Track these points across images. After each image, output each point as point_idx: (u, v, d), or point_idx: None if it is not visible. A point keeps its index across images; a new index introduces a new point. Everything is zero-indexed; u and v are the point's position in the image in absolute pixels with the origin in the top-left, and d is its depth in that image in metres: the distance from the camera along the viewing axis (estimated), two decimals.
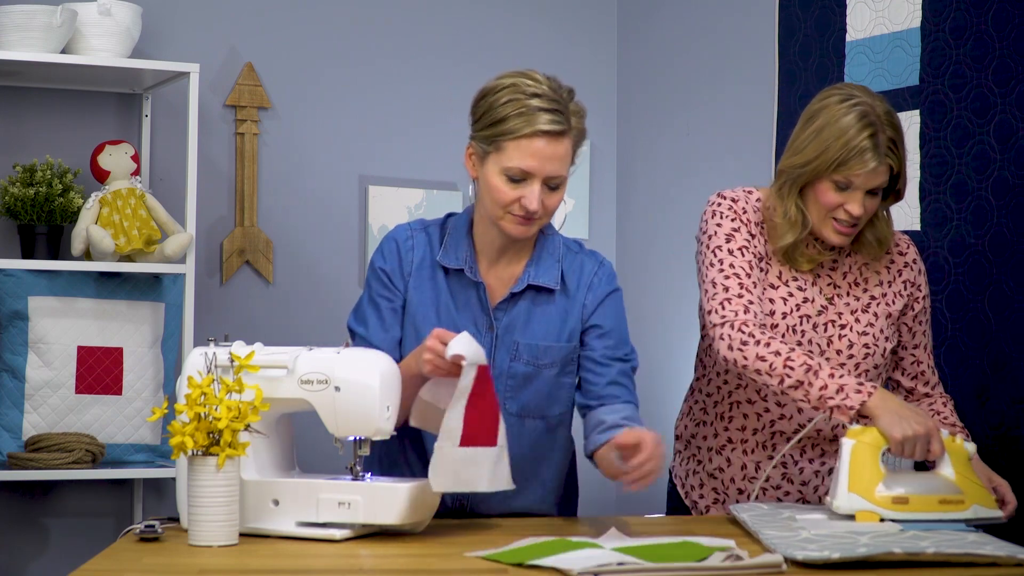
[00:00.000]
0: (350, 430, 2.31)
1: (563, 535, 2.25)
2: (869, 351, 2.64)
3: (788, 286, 2.65)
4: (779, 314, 2.62)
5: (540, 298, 2.55)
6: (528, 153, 2.41)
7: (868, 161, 2.50)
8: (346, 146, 4.15)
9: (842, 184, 2.54)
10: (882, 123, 2.52)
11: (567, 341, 2.56)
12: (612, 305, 2.59)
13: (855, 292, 2.67)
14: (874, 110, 2.52)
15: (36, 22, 3.53)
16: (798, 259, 2.64)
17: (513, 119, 2.41)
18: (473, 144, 2.49)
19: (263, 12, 4.07)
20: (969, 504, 2.38)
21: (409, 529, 2.31)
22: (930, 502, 2.37)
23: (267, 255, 4.04)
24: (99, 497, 3.91)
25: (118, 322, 3.71)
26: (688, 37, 4.11)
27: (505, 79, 2.45)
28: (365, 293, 2.60)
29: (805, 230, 2.60)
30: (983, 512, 2.38)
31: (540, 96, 2.43)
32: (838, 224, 2.57)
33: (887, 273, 2.70)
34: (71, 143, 3.84)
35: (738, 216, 2.63)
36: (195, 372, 2.28)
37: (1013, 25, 2.93)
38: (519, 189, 2.43)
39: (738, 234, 2.62)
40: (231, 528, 2.18)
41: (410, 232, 2.58)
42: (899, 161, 2.54)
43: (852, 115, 2.51)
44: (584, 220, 4.34)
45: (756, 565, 2.00)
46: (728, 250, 2.60)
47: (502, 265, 2.56)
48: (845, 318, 2.65)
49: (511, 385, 2.54)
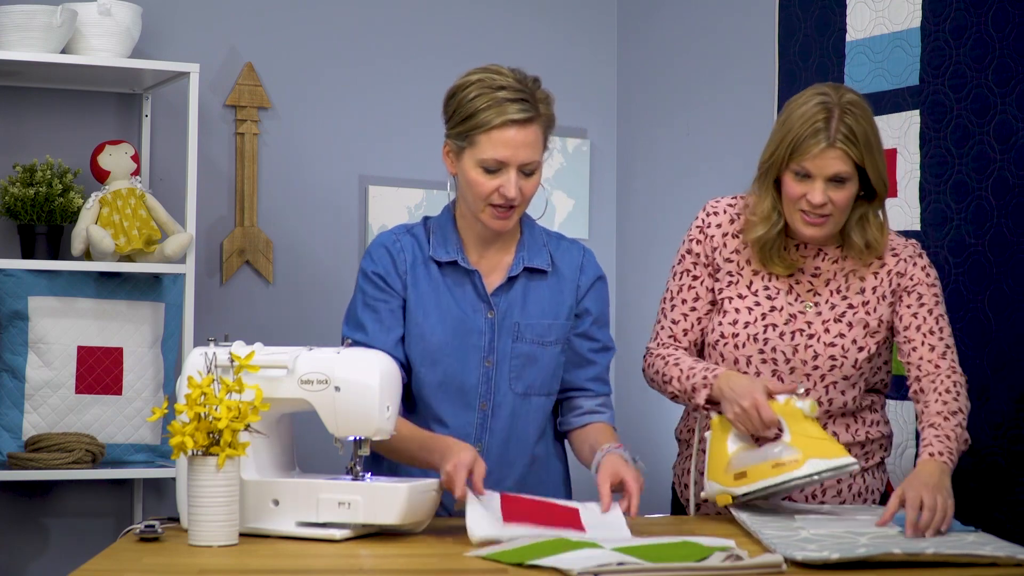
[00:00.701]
0: (350, 430, 2.31)
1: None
2: (836, 362, 2.62)
3: (757, 295, 2.66)
4: (741, 323, 2.64)
5: (533, 281, 2.65)
6: (500, 143, 2.51)
7: (817, 143, 2.52)
8: (346, 146, 4.15)
9: (801, 172, 2.55)
10: (840, 111, 2.52)
11: (566, 319, 2.67)
12: (602, 289, 2.73)
13: (833, 300, 2.66)
14: (833, 100, 2.53)
15: (36, 22, 3.53)
16: (774, 260, 2.65)
17: (483, 112, 2.51)
18: (449, 142, 2.59)
19: (263, 12, 4.07)
20: (804, 461, 2.38)
21: (409, 529, 2.31)
22: (764, 470, 2.41)
23: (267, 255, 4.04)
24: (99, 497, 3.91)
25: (118, 322, 3.71)
26: (688, 37, 4.11)
27: (472, 76, 2.56)
28: (358, 300, 2.65)
29: (777, 226, 2.61)
30: (823, 464, 2.37)
31: (506, 88, 2.52)
32: (805, 215, 2.58)
33: (874, 279, 2.66)
34: (71, 143, 3.84)
35: (695, 237, 2.72)
36: (195, 372, 2.28)
37: (1013, 25, 2.94)
38: (496, 179, 2.53)
39: (688, 256, 2.73)
40: (231, 528, 2.18)
41: (395, 236, 2.66)
42: (860, 151, 2.52)
43: (809, 104, 2.55)
44: (584, 220, 4.34)
45: (756, 565, 2.00)
46: (674, 272, 2.74)
47: (491, 254, 2.65)
48: (814, 328, 2.64)
49: (516, 365, 2.63)
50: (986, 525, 2.71)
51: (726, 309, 2.66)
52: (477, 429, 2.62)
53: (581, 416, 2.70)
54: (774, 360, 2.62)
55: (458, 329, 2.60)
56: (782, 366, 2.63)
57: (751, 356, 2.63)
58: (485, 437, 2.62)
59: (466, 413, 2.62)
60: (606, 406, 2.73)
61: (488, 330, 2.61)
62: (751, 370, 2.63)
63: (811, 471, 2.38)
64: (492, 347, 2.62)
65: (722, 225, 2.70)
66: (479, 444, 2.61)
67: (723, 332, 2.65)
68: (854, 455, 2.69)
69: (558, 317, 2.66)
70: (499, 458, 2.62)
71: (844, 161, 2.53)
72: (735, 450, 2.48)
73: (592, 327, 2.71)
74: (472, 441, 2.59)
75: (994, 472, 2.92)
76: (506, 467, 2.63)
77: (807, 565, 2.06)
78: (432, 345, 2.60)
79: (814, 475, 2.39)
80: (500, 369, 2.62)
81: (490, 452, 2.62)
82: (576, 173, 4.34)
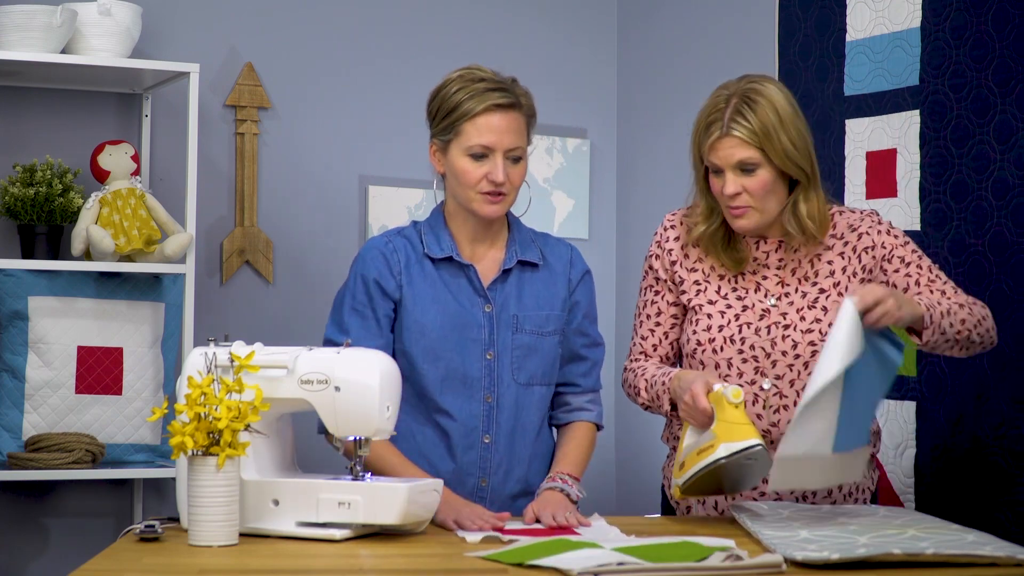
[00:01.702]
0: (350, 430, 2.31)
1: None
2: (816, 348, 2.61)
3: (727, 298, 2.67)
4: (715, 328, 2.65)
5: (526, 274, 2.71)
6: (485, 129, 2.59)
7: (712, 134, 2.56)
8: (346, 146, 4.15)
9: (714, 167, 2.59)
10: (738, 99, 2.55)
11: (561, 310, 2.72)
12: (591, 283, 2.80)
13: (804, 287, 2.66)
14: (732, 91, 2.57)
15: (36, 22, 3.53)
16: (721, 256, 2.67)
17: (466, 102, 2.60)
18: (435, 141, 2.66)
19: (263, 12, 4.07)
20: (717, 445, 2.39)
21: (409, 529, 2.31)
22: (693, 457, 2.44)
23: (267, 255, 4.04)
24: (99, 497, 3.91)
25: (118, 322, 3.71)
26: (688, 37, 4.11)
27: (452, 75, 2.66)
28: (345, 302, 2.68)
29: (715, 222, 2.65)
30: (731, 447, 2.38)
31: (485, 80, 2.63)
32: (730, 208, 2.60)
33: (841, 259, 2.66)
34: (71, 143, 3.84)
35: (654, 253, 2.76)
36: (195, 372, 2.28)
37: (1013, 25, 2.94)
38: (484, 166, 2.60)
39: (651, 271, 2.76)
40: (231, 528, 2.18)
41: (387, 238, 2.71)
42: (757, 136, 2.52)
43: (711, 98, 2.60)
44: (584, 220, 4.34)
45: (756, 565, 2.00)
46: (640, 289, 2.78)
47: (482, 251, 2.70)
48: (790, 318, 2.64)
49: (517, 356, 2.67)
50: (986, 525, 2.71)
51: (699, 317, 2.67)
52: (484, 422, 2.65)
53: (569, 413, 2.76)
54: (755, 358, 2.63)
55: (457, 323, 2.63)
56: (763, 362, 2.63)
57: (731, 358, 2.63)
58: (492, 429, 2.65)
59: (471, 406, 2.65)
60: (594, 403, 2.78)
61: (487, 323, 2.66)
62: (732, 372, 2.63)
63: (722, 454, 2.39)
64: (492, 340, 2.66)
65: (680, 238, 2.73)
66: (487, 436, 2.64)
67: (699, 340, 2.66)
68: None
69: (554, 308, 2.71)
70: (507, 450, 2.66)
71: (744, 148, 2.54)
72: (688, 444, 2.51)
73: (583, 322, 2.76)
74: (479, 434, 2.65)
75: (994, 472, 2.92)
76: (514, 461, 2.67)
77: (807, 565, 2.06)
78: (432, 340, 2.63)
79: (722, 458, 2.39)
80: (501, 361, 2.66)
81: (498, 445, 2.65)
82: (576, 173, 4.34)
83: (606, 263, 4.35)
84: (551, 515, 2.47)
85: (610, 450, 4.26)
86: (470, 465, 2.65)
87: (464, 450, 2.65)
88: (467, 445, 2.65)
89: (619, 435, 4.25)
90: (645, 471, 4.02)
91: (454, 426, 2.64)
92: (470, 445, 2.65)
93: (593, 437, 2.76)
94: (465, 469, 2.65)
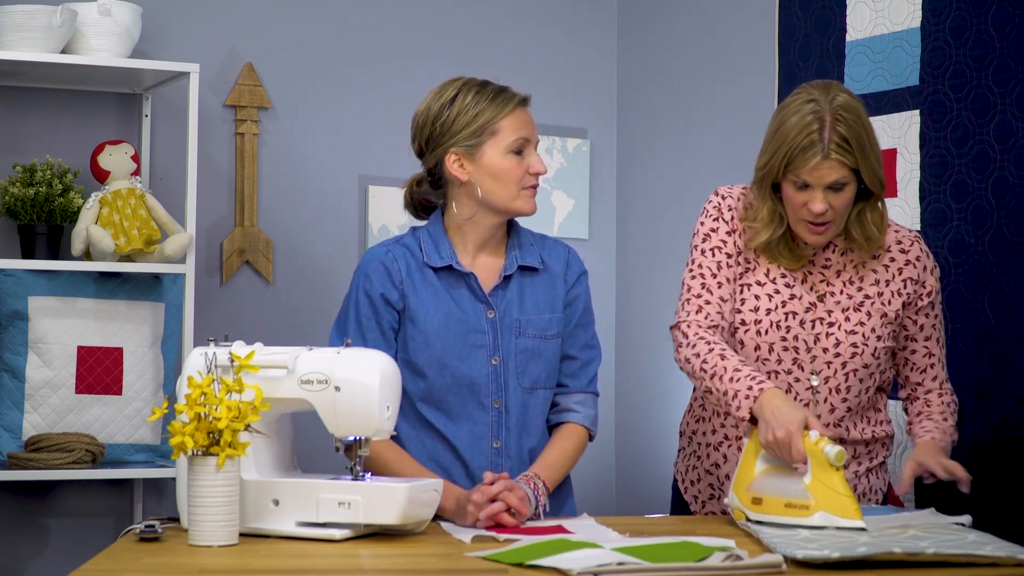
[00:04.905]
0: (350, 430, 2.31)
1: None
2: (857, 350, 2.63)
3: (775, 283, 2.65)
4: (763, 310, 2.63)
5: (527, 279, 2.70)
6: (521, 123, 2.64)
7: (811, 158, 2.50)
8: (346, 146, 4.15)
9: (799, 183, 2.55)
10: (832, 119, 2.50)
11: (561, 312, 2.72)
12: (586, 283, 2.79)
13: (848, 290, 2.66)
14: (824, 107, 2.51)
15: (36, 22, 3.53)
16: (779, 257, 2.65)
17: (493, 105, 2.63)
18: (456, 151, 2.65)
19: (263, 12, 4.07)
20: (815, 511, 2.35)
21: (409, 529, 2.31)
22: (777, 505, 2.38)
23: (267, 255, 4.04)
24: (99, 497, 3.91)
25: (118, 322, 3.71)
26: (688, 37, 4.11)
27: (446, 89, 2.67)
28: (350, 315, 2.67)
29: (780, 230, 2.61)
30: (831, 520, 2.33)
31: (488, 84, 2.66)
32: (808, 223, 2.58)
33: (885, 272, 2.68)
34: (71, 143, 3.84)
35: (720, 216, 2.67)
36: (195, 372, 2.28)
37: (1013, 25, 2.94)
38: (524, 160, 2.63)
39: (715, 234, 2.67)
40: (231, 528, 2.18)
41: (386, 248, 2.71)
42: (854, 157, 2.51)
43: (799, 114, 2.52)
44: (584, 220, 4.34)
45: (756, 565, 2.00)
46: (701, 250, 2.67)
47: (482, 259, 2.70)
48: (835, 316, 2.64)
49: (521, 360, 2.67)
50: (986, 525, 2.71)
51: (745, 296, 2.65)
52: (494, 428, 2.66)
53: (557, 413, 2.74)
54: (795, 348, 2.62)
55: (461, 330, 2.63)
56: (803, 355, 2.62)
57: (773, 343, 2.62)
58: (503, 435, 2.65)
59: (480, 413, 2.65)
60: (583, 404, 2.74)
61: (491, 329, 2.65)
62: (772, 357, 2.62)
63: (819, 523, 2.34)
64: (497, 346, 2.65)
65: (734, 209, 2.68)
66: (497, 441, 2.64)
67: (744, 319, 2.64)
68: (860, 453, 2.70)
69: (555, 311, 2.71)
70: (517, 456, 2.66)
71: (840, 169, 2.52)
72: (761, 471, 2.46)
73: (579, 322, 2.74)
74: (490, 440, 2.65)
75: (994, 472, 2.92)
76: (523, 464, 2.66)
77: (807, 564, 2.06)
78: (438, 349, 2.63)
79: (818, 527, 2.34)
80: (507, 366, 2.66)
81: (508, 450, 2.65)
82: (576, 173, 4.33)
83: (606, 263, 4.35)
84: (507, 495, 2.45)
85: (610, 450, 4.26)
86: (480, 470, 2.63)
87: (474, 456, 2.65)
88: (477, 451, 2.65)
89: (619, 435, 4.25)
90: (645, 471, 4.02)
91: (463, 432, 2.64)
92: (480, 451, 2.65)
93: (579, 439, 2.71)
94: (475, 474, 2.64)
